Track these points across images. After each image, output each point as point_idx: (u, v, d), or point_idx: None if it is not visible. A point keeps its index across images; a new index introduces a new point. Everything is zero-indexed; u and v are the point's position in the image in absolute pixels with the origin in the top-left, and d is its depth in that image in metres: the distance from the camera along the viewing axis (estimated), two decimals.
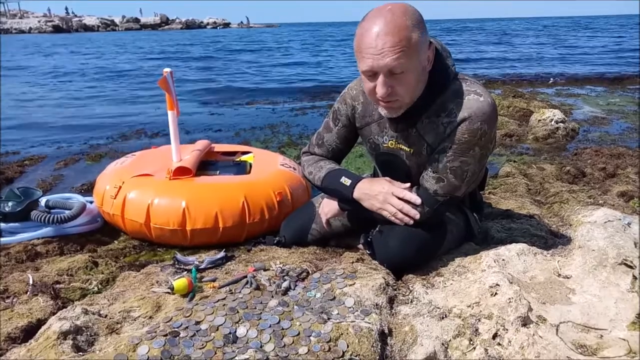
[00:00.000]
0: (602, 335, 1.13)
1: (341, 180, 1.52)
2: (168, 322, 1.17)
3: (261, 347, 1.08)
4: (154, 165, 2.15)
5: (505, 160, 3.22)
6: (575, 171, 2.82)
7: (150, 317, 1.25)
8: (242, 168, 2.28)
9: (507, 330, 1.13)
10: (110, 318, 1.24)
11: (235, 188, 1.97)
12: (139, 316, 1.25)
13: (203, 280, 1.43)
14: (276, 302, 1.25)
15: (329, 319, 1.17)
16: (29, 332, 1.22)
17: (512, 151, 3.52)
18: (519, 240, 1.63)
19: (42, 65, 12.20)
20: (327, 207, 1.63)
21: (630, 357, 1.05)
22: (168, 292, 1.34)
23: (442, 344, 1.13)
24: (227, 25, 73.52)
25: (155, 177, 2.03)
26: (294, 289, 1.34)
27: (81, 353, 1.09)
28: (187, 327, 1.14)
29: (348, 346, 1.08)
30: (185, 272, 1.49)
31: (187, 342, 1.08)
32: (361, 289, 1.30)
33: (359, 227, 1.66)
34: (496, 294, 1.24)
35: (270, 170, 2.20)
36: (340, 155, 1.69)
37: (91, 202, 2.17)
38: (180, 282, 1.33)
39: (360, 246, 1.69)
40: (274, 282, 1.36)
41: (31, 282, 1.47)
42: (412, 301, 1.32)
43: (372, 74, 1.26)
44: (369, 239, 1.58)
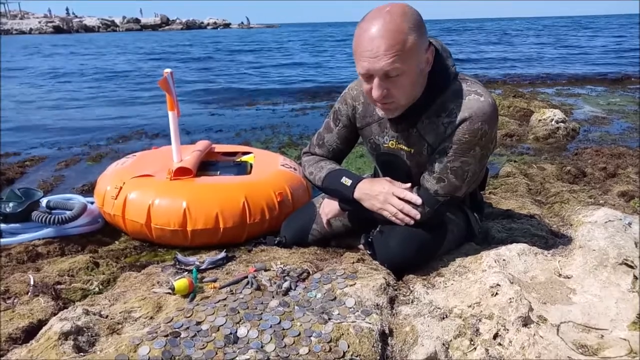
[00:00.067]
0: (602, 335, 1.13)
1: (342, 181, 1.53)
2: (169, 322, 1.17)
3: (262, 347, 1.08)
4: (154, 165, 2.15)
5: (505, 160, 3.22)
6: (575, 171, 2.82)
7: (151, 318, 1.25)
8: (243, 168, 2.28)
9: (508, 330, 1.13)
10: (111, 318, 1.24)
11: (235, 188, 1.97)
12: (140, 317, 1.26)
13: (204, 280, 1.43)
14: (277, 302, 1.25)
15: (329, 319, 1.17)
16: (30, 332, 1.22)
17: (512, 151, 3.52)
18: (520, 240, 1.63)
19: (41, 66, 12.21)
20: (327, 208, 1.64)
21: (631, 357, 1.05)
22: (169, 293, 1.34)
23: (443, 344, 1.13)
24: (227, 26, 73.57)
25: (156, 178, 2.03)
26: (295, 290, 1.34)
27: (82, 353, 1.09)
28: (188, 328, 1.14)
29: (349, 346, 1.08)
30: (186, 273, 1.49)
31: (188, 343, 1.09)
32: (362, 289, 1.31)
33: (360, 228, 1.66)
34: (497, 294, 1.24)
35: (270, 171, 2.20)
36: (341, 156, 1.69)
37: (92, 203, 2.17)
38: (181, 282, 1.33)
39: (361, 246, 1.69)
40: (275, 283, 1.36)
41: (32, 282, 1.47)
42: (412, 301, 1.32)
43: (368, 76, 1.26)
44: (370, 239, 1.58)
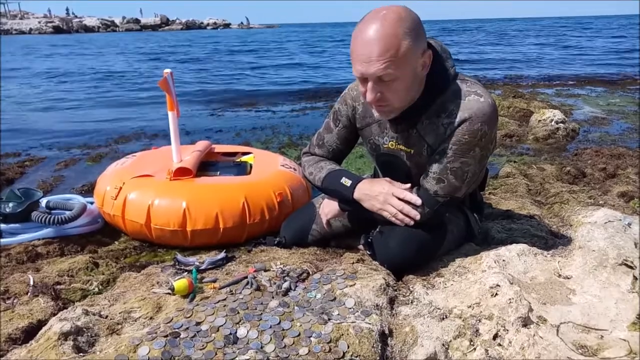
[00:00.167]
0: (602, 336, 1.13)
1: (341, 181, 1.53)
2: (168, 322, 1.17)
3: (262, 347, 1.08)
4: (154, 166, 2.15)
5: (505, 161, 3.22)
6: (575, 171, 2.82)
7: (151, 318, 1.25)
8: (243, 169, 2.28)
9: (508, 330, 1.13)
10: (110, 319, 1.24)
11: (235, 189, 1.97)
12: (140, 317, 1.26)
13: (203, 281, 1.43)
14: (277, 302, 1.25)
15: (329, 319, 1.17)
16: (30, 333, 1.22)
17: (512, 152, 3.52)
18: (520, 240, 1.63)
19: (41, 66, 12.21)
20: (327, 208, 1.64)
21: (630, 358, 1.05)
22: (168, 293, 1.34)
23: (443, 345, 1.13)
24: (227, 26, 73.61)
25: (156, 178, 2.03)
26: (295, 290, 1.34)
27: (82, 354, 1.09)
28: (187, 328, 1.14)
29: (348, 347, 1.08)
30: (186, 273, 1.49)
31: (188, 343, 1.09)
32: (361, 289, 1.30)
33: (360, 228, 1.66)
34: (497, 294, 1.24)
35: (270, 171, 2.20)
36: (341, 156, 1.69)
37: (92, 203, 2.17)
38: (180, 282, 1.33)
39: (361, 247, 1.69)
40: (275, 283, 1.36)
41: (32, 283, 1.47)
42: (412, 302, 1.32)
43: (363, 79, 1.27)
44: (370, 239, 1.58)
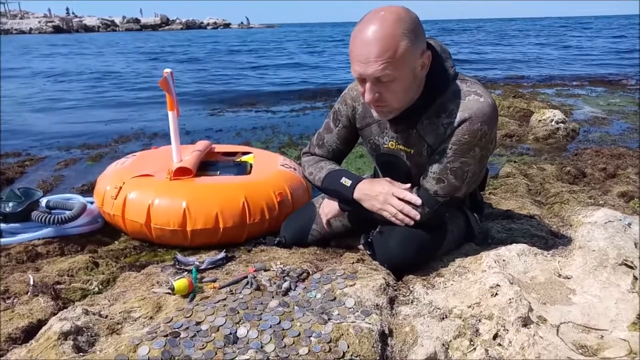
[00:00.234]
0: (602, 336, 1.13)
1: (341, 181, 1.53)
2: (168, 322, 1.17)
3: (262, 347, 1.08)
4: (154, 165, 2.15)
5: (505, 161, 3.22)
6: (575, 171, 2.82)
7: (151, 318, 1.25)
8: (243, 168, 2.28)
9: (508, 330, 1.13)
10: (110, 318, 1.24)
11: (235, 188, 1.97)
12: (140, 317, 1.26)
13: (203, 280, 1.43)
14: (277, 302, 1.25)
15: (329, 319, 1.17)
16: (30, 332, 1.22)
17: (512, 151, 3.52)
18: (520, 240, 1.63)
19: (40, 66, 12.20)
20: (327, 208, 1.64)
21: (630, 358, 1.05)
22: (168, 293, 1.34)
23: (443, 345, 1.13)
24: (227, 26, 73.60)
25: (156, 178, 2.03)
26: (295, 290, 1.34)
27: (82, 354, 1.09)
28: (187, 328, 1.14)
29: (348, 347, 1.08)
30: (186, 273, 1.49)
31: (188, 343, 1.09)
32: (361, 289, 1.30)
33: (360, 228, 1.66)
34: (497, 294, 1.24)
35: (270, 171, 2.20)
36: (341, 156, 1.69)
37: (92, 203, 2.17)
38: (180, 282, 1.33)
39: (361, 247, 1.69)
40: (275, 283, 1.36)
41: (32, 282, 1.47)
42: (412, 302, 1.32)
43: (361, 79, 1.27)
44: (370, 239, 1.58)
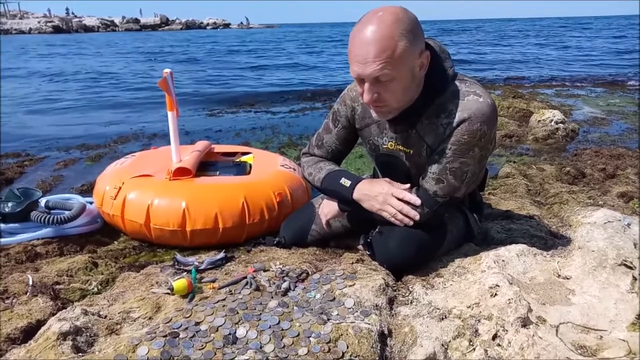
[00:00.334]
0: (601, 336, 1.13)
1: (341, 182, 1.52)
2: (168, 322, 1.17)
3: (261, 347, 1.08)
4: (153, 166, 2.15)
5: (505, 161, 3.22)
6: (575, 172, 2.82)
7: (150, 318, 1.25)
8: (242, 169, 2.28)
9: (507, 331, 1.13)
10: (109, 319, 1.24)
11: (235, 189, 1.97)
12: (139, 317, 1.25)
13: (203, 281, 1.43)
14: (276, 302, 1.25)
15: (328, 319, 1.17)
16: (29, 332, 1.22)
17: (512, 152, 3.52)
18: (519, 241, 1.63)
19: (39, 66, 12.18)
20: (327, 208, 1.63)
21: (630, 358, 1.05)
22: (168, 293, 1.34)
23: (442, 345, 1.13)
24: (227, 26, 73.62)
25: (155, 178, 2.02)
26: (294, 290, 1.34)
27: (81, 354, 1.09)
28: (186, 328, 1.14)
29: (348, 347, 1.08)
30: (185, 273, 1.48)
31: (187, 343, 1.09)
32: (361, 289, 1.30)
33: (359, 228, 1.66)
34: (496, 294, 1.24)
35: (270, 171, 2.20)
36: (340, 157, 1.69)
37: (91, 203, 2.17)
38: (180, 282, 1.33)
39: (360, 247, 1.69)
40: (274, 283, 1.36)
41: (31, 282, 1.47)
42: (411, 302, 1.32)
43: (360, 79, 1.27)
44: (369, 239, 1.58)
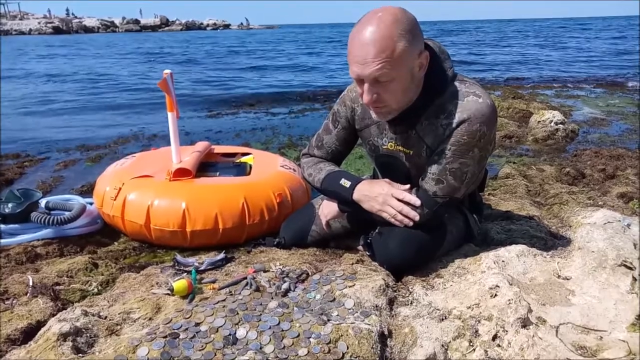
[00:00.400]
0: (601, 337, 1.13)
1: (341, 182, 1.53)
2: (168, 323, 1.17)
3: (261, 348, 1.08)
4: (153, 166, 2.15)
5: (504, 162, 3.22)
6: (574, 172, 2.82)
7: (150, 319, 1.25)
8: (242, 169, 2.28)
9: (507, 331, 1.13)
10: (110, 319, 1.24)
11: (235, 189, 1.97)
12: (139, 317, 1.25)
13: (203, 281, 1.43)
14: (276, 303, 1.25)
15: (328, 320, 1.17)
16: (29, 333, 1.22)
17: (511, 152, 3.53)
18: (519, 241, 1.63)
19: (38, 67, 12.17)
20: (327, 209, 1.64)
21: (629, 359, 1.05)
22: (168, 294, 1.34)
23: (442, 346, 1.13)
24: (227, 27, 73.62)
25: (155, 179, 2.02)
26: (294, 291, 1.34)
27: (81, 355, 1.09)
28: (186, 329, 1.14)
29: (348, 348, 1.08)
30: (185, 274, 1.48)
31: (187, 344, 1.09)
32: (361, 290, 1.30)
33: (359, 229, 1.66)
34: (496, 295, 1.24)
35: (270, 172, 2.20)
36: (340, 157, 1.70)
37: (91, 204, 2.17)
38: (180, 283, 1.33)
39: (360, 248, 1.69)
40: (274, 284, 1.36)
41: (31, 283, 1.47)
42: (411, 303, 1.32)
43: (359, 80, 1.28)
44: (369, 240, 1.58)
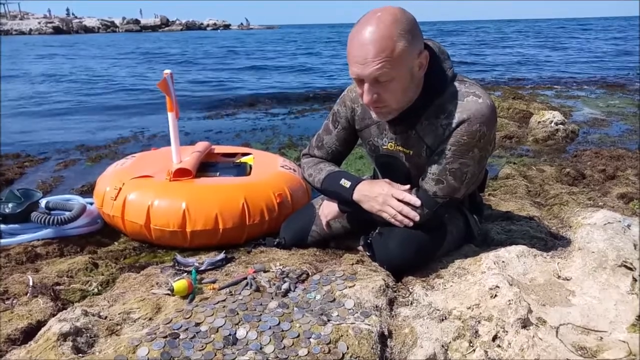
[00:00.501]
0: (602, 338, 1.13)
1: (341, 182, 1.53)
2: (168, 323, 1.17)
3: (261, 348, 1.08)
4: (154, 166, 2.15)
5: (505, 162, 3.22)
6: (575, 173, 2.82)
7: (150, 319, 1.25)
8: (242, 169, 2.28)
9: (507, 332, 1.13)
10: (110, 319, 1.24)
11: (235, 189, 1.97)
12: (139, 318, 1.25)
13: (203, 281, 1.43)
14: (276, 303, 1.25)
15: (328, 320, 1.17)
16: (29, 333, 1.22)
17: (512, 153, 3.53)
18: (519, 242, 1.63)
19: (38, 68, 12.16)
20: (327, 209, 1.64)
21: (630, 359, 1.05)
22: (168, 294, 1.34)
23: (442, 346, 1.13)
24: (227, 27, 73.63)
25: (155, 179, 2.02)
26: (294, 291, 1.34)
27: (81, 355, 1.09)
28: (187, 329, 1.14)
29: (348, 348, 1.08)
30: (185, 274, 1.48)
31: (187, 344, 1.09)
32: (361, 290, 1.30)
33: (359, 229, 1.66)
34: (496, 295, 1.24)
35: (270, 172, 2.20)
36: (340, 158, 1.70)
37: (91, 204, 2.17)
38: (180, 283, 1.33)
39: (360, 248, 1.69)
40: (274, 284, 1.36)
41: (31, 283, 1.47)
42: (412, 303, 1.32)
43: (359, 80, 1.28)
44: (369, 240, 1.58)
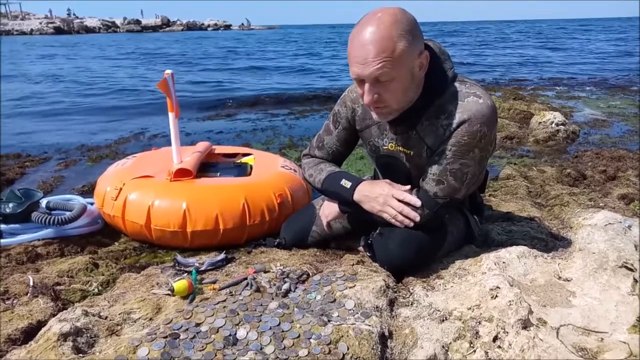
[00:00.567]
0: (602, 339, 1.13)
1: (341, 183, 1.53)
2: (168, 324, 1.17)
3: (261, 349, 1.08)
4: (154, 166, 2.15)
5: (505, 163, 3.22)
6: (575, 174, 2.82)
7: (151, 319, 1.25)
8: (243, 170, 2.28)
9: (508, 333, 1.13)
10: (110, 320, 1.24)
11: (235, 190, 1.97)
12: (139, 318, 1.25)
13: (203, 282, 1.43)
14: (276, 304, 1.25)
15: (329, 321, 1.17)
16: (29, 333, 1.22)
17: (512, 153, 3.52)
18: (520, 242, 1.63)
19: (38, 69, 12.17)
20: (327, 210, 1.64)
21: None
22: (168, 294, 1.34)
23: (443, 347, 1.13)
24: (228, 27, 73.69)
25: (156, 179, 2.03)
26: (294, 291, 1.34)
27: (81, 355, 1.09)
28: (187, 329, 1.14)
29: (348, 348, 1.08)
30: (186, 274, 1.49)
31: (187, 344, 1.09)
32: (361, 291, 1.30)
33: (360, 230, 1.66)
34: (496, 296, 1.24)
35: (270, 172, 2.20)
36: (341, 158, 1.70)
37: (92, 204, 2.17)
38: (180, 283, 1.33)
39: (361, 248, 1.69)
40: (274, 284, 1.36)
41: (31, 283, 1.47)
42: (412, 304, 1.32)
43: (360, 80, 1.28)
44: (369, 241, 1.57)
